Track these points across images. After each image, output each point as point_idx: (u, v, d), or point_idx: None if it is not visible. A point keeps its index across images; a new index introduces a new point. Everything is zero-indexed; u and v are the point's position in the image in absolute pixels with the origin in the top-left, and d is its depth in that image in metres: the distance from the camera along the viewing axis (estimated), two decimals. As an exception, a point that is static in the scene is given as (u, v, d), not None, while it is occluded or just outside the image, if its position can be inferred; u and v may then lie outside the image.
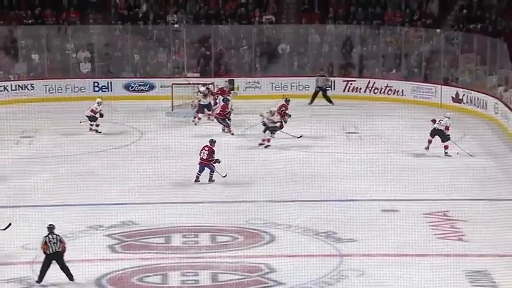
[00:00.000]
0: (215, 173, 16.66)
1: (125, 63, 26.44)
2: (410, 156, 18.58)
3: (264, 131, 19.74)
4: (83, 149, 19.22)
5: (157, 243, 13.68)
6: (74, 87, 25.50)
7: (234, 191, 16.08)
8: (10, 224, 13.14)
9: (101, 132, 20.85)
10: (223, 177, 16.65)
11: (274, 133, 19.76)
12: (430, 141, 18.77)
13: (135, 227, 14.28)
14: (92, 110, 20.97)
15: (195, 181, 16.77)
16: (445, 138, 18.58)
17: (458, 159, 18.25)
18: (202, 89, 22.46)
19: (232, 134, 20.63)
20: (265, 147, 19.50)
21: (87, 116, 21.01)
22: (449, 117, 18.87)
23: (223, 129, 20.79)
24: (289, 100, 21.24)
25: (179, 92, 23.71)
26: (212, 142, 17.05)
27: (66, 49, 26.35)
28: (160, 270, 12.71)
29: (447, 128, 18.57)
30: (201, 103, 22.16)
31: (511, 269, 12.32)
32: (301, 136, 19.43)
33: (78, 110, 22.33)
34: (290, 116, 20.40)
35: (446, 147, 18.59)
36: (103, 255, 13.10)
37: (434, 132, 18.73)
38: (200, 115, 22.08)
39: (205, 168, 16.77)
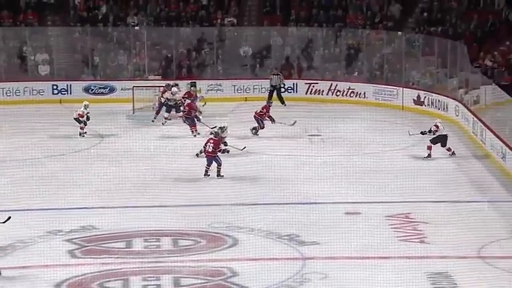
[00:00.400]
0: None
1: (85, 66, 26.23)
2: (373, 158, 18.72)
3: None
4: (42, 152, 18.99)
5: (118, 247, 13.57)
6: (32, 90, 25.20)
7: (196, 194, 16.03)
8: (10, 218, 13.00)
9: (84, 135, 20.65)
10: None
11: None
12: (431, 148, 18.68)
13: (96, 231, 14.16)
14: (79, 113, 20.76)
15: (205, 175, 17.00)
16: (445, 142, 18.73)
17: (420, 162, 18.44)
18: (174, 89, 22.34)
19: (195, 136, 20.57)
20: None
21: (74, 119, 20.83)
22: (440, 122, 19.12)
23: (192, 130, 20.72)
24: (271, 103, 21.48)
25: (140, 95, 23.59)
26: (216, 134, 17.37)
27: (24, 51, 26.05)
28: (121, 276, 12.61)
29: (436, 126, 18.82)
30: (169, 103, 22.05)
31: (472, 271, 12.47)
32: (244, 148, 18.84)
33: (36, 113, 22.12)
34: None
35: (449, 149, 18.80)
36: (62, 260, 12.96)
37: (439, 139, 18.75)
38: (166, 114, 21.91)
39: (213, 161, 16.96)
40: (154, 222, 14.53)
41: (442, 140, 18.78)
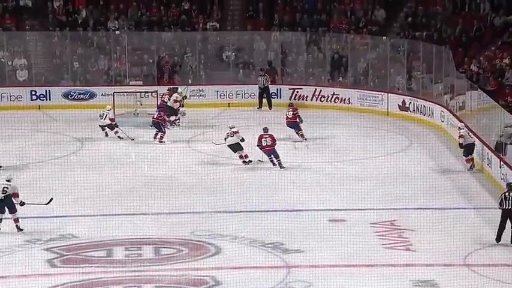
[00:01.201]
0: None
1: (64, 71, 26.13)
2: (358, 165, 18.78)
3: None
4: (20, 159, 18.89)
5: (98, 256, 13.53)
6: (10, 96, 25.06)
7: (178, 202, 16.01)
8: (52, 199, 14.49)
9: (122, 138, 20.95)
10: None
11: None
12: (471, 159, 18.06)
13: (75, 240, 14.11)
14: (110, 118, 20.98)
15: (274, 165, 18.17)
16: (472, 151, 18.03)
17: (406, 168, 18.51)
18: (176, 94, 22.38)
19: (161, 142, 20.49)
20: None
21: (103, 126, 20.99)
22: (461, 128, 18.42)
23: (155, 136, 20.73)
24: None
25: (121, 101, 23.54)
26: (266, 129, 18.62)
27: (1, 56, 25.91)
28: (102, 285, 12.57)
29: (461, 136, 18.03)
30: (173, 107, 22.06)
31: (458, 278, 12.54)
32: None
33: (14, 119, 22.00)
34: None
35: (470, 160, 18.14)
36: (42, 270, 12.90)
37: (470, 149, 18.10)
38: (173, 117, 21.99)
39: (271, 155, 18.19)
40: (135, 230, 14.51)
41: (471, 148, 18.07)
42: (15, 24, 26.94)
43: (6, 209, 14.51)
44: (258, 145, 18.58)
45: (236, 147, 18.84)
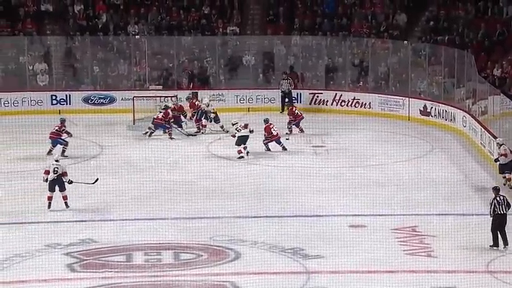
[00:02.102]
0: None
1: (84, 76, 26.30)
2: (378, 170, 18.72)
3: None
4: (40, 164, 19.02)
5: (118, 261, 13.58)
6: (31, 101, 25.26)
7: (198, 207, 16.04)
8: (97, 179, 15.88)
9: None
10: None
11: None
12: (508, 178, 16.84)
13: (95, 244, 14.17)
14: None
15: (284, 149, 20.17)
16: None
17: (427, 174, 18.43)
18: (206, 100, 22.71)
19: (171, 139, 21.09)
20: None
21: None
22: (501, 144, 17.09)
23: (168, 134, 21.41)
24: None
25: (141, 105, 23.64)
26: (268, 120, 20.40)
27: (22, 61, 26.12)
28: (121, 290, 12.63)
29: (505, 155, 16.80)
30: (202, 111, 22.41)
31: (480, 285, 12.46)
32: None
33: (35, 124, 22.14)
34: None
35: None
36: (61, 274, 12.96)
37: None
38: (204, 121, 22.32)
39: (275, 142, 20.11)
40: (154, 235, 14.54)
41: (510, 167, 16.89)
42: (36, 29, 27.15)
43: (57, 188, 15.83)
44: (268, 136, 20.24)
45: (245, 140, 19.82)
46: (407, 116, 24.34)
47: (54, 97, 25.42)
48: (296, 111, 22.52)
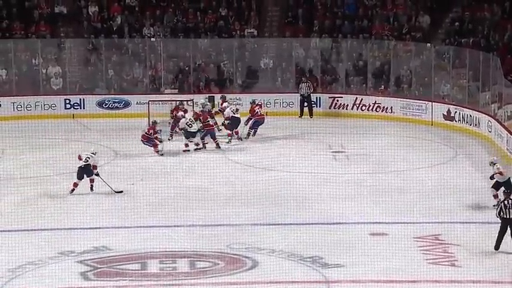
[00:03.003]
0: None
1: (99, 79, 26.44)
2: (400, 176, 18.65)
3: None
4: (53, 170, 19.14)
5: (132, 269, 13.62)
6: (44, 105, 25.44)
7: (214, 213, 16.06)
8: (122, 192, 17.02)
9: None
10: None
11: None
12: (497, 196, 16.27)
13: (109, 252, 14.22)
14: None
15: (251, 135, 21.87)
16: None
17: (451, 180, 18.34)
18: (202, 100, 22.62)
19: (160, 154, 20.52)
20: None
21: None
22: (494, 163, 16.46)
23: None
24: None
25: (156, 109, 23.72)
26: (254, 101, 22.53)
27: (35, 64, 26.31)
28: (135, 299, 12.66)
29: (501, 173, 16.20)
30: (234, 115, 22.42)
31: (506, 296, 12.39)
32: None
33: (48, 128, 22.29)
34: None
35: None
36: (75, 283, 13.02)
37: (504, 183, 16.22)
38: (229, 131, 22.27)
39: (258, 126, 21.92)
40: (170, 243, 14.57)
41: (508, 184, 16.17)
42: (50, 32, 27.34)
43: (85, 176, 17.13)
44: (252, 114, 21.88)
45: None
46: (430, 120, 24.26)
47: (67, 101, 25.57)
48: (258, 110, 22.54)
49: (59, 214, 15.98)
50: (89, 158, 17.25)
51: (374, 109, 25.29)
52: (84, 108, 25.41)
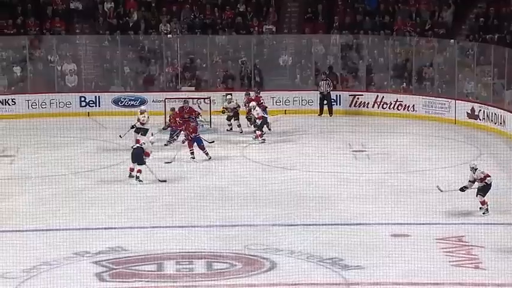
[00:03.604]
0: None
1: (114, 76, 26.53)
2: (422, 176, 18.59)
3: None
4: (68, 168, 19.25)
5: (148, 270, 13.67)
6: (59, 103, 25.57)
7: (231, 214, 16.08)
8: (165, 181, 17.78)
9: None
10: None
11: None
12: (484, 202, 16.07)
13: (125, 253, 14.28)
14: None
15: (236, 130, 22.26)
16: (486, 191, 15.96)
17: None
18: (254, 105, 22.57)
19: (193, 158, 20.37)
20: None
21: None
22: (475, 168, 16.16)
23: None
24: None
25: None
26: (249, 94, 22.97)
27: (50, 61, 26.45)
28: (151, 300, 12.71)
29: (482, 179, 15.99)
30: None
31: (532, 299, 12.32)
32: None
33: (63, 126, 22.40)
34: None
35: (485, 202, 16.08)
36: (90, 284, 13.09)
37: (488, 188, 16.11)
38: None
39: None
40: (186, 243, 14.61)
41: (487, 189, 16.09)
42: (65, 28, 27.47)
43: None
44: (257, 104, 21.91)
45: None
46: (453, 119, 24.16)
47: (83, 99, 25.69)
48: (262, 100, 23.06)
49: (74, 214, 16.07)
50: (144, 143, 18.19)
51: (395, 107, 25.22)
52: (99, 106, 25.52)
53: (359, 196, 17.07)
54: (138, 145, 18.33)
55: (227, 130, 22.92)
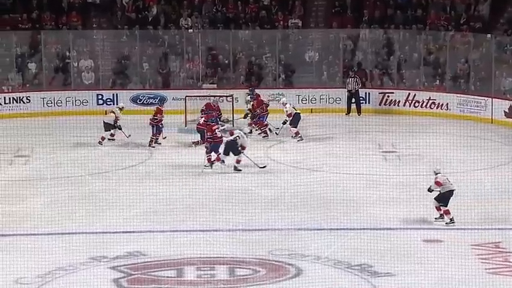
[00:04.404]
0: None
1: (133, 73, 26.66)
2: (456, 178, 18.48)
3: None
4: (85, 169, 19.37)
5: (168, 276, 13.72)
6: (75, 100, 25.76)
7: (255, 218, 16.11)
8: (265, 166, 19.06)
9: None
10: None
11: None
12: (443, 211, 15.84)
13: (143, 258, 14.35)
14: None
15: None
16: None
17: (510, 183, 18.15)
18: (285, 101, 22.83)
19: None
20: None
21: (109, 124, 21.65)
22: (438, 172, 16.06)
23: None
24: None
25: (193, 106, 23.84)
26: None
27: (66, 57, 26.63)
28: (171, 308, 12.76)
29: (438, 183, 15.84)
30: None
31: None
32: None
33: (79, 125, 22.54)
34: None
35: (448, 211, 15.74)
36: (107, 290, 13.17)
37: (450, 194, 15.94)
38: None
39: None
40: (208, 248, 14.65)
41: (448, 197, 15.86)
42: (81, 23, 27.66)
43: (231, 153, 18.93)
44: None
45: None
46: (490, 118, 24.06)
47: (100, 96, 25.85)
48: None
49: (90, 217, 16.16)
50: (238, 136, 18.90)
51: (428, 106, 25.16)
52: (117, 104, 25.60)
53: (389, 199, 17.03)
54: (230, 137, 19.03)
55: (258, 134, 22.77)
